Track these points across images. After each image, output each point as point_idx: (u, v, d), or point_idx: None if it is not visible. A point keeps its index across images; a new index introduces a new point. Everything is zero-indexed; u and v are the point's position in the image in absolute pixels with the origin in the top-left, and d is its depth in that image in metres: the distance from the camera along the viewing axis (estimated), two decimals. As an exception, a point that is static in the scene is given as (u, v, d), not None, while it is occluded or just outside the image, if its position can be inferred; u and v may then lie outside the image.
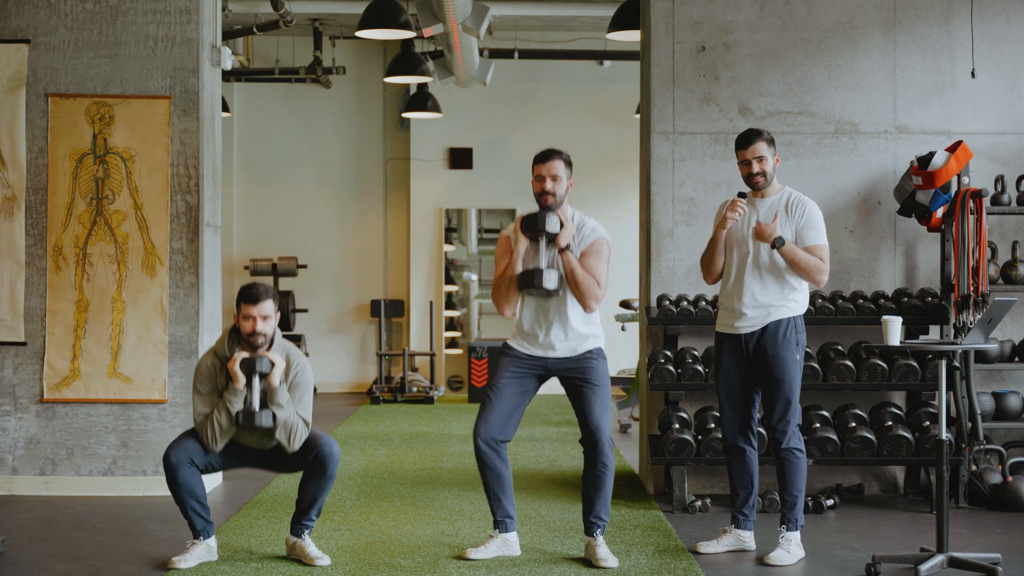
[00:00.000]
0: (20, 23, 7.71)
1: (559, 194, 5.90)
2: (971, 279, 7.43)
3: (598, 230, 6.00)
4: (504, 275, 5.94)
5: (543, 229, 5.83)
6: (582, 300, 5.86)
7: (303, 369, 5.91)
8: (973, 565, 5.60)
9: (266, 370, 5.74)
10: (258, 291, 5.77)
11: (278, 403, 5.76)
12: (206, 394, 5.84)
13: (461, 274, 15.63)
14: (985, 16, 8.03)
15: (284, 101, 15.34)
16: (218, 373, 5.84)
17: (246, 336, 5.77)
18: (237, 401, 5.75)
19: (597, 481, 5.87)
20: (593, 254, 5.93)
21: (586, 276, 5.84)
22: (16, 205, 7.69)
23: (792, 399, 6.05)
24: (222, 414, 5.75)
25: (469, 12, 10.59)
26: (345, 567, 5.79)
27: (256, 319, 5.75)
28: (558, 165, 5.90)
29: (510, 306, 5.96)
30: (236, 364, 5.73)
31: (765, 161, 6.03)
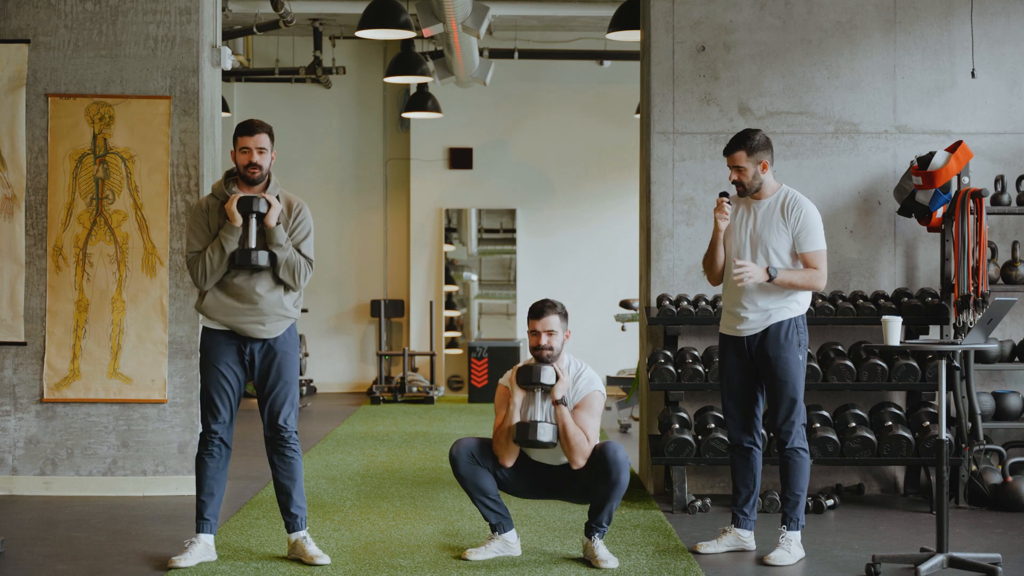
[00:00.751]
0: (20, 23, 7.71)
1: (556, 348, 5.93)
2: (971, 279, 7.43)
3: (594, 383, 6.01)
4: (503, 427, 5.97)
5: (538, 381, 5.88)
6: (570, 455, 5.88)
7: (304, 208, 5.96)
8: (973, 565, 5.60)
9: (263, 210, 5.74)
10: (254, 123, 5.83)
11: (276, 243, 5.77)
12: (200, 232, 5.82)
13: (461, 274, 15.63)
14: (985, 16, 8.03)
15: (284, 101, 15.34)
16: (213, 212, 5.83)
17: (242, 168, 5.78)
18: (233, 240, 5.74)
19: (608, 495, 5.85)
20: (586, 408, 5.95)
21: (576, 431, 5.85)
22: (16, 205, 7.69)
23: (796, 399, 6.06)
24: (216, 251, 5.74)
25: (469, 12, 10.59)
26: (345, 567, 5.79)
27: (253, 151, 5.77)
28: (553, 320, 5.93)
29: (511, 457, 5.98)
30: (233, 203, 5.72)
31: (744, 172, 6.03)
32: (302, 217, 5.95)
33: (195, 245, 5.82)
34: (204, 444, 5.90)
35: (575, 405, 5.95)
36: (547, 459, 6.00)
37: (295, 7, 12.36)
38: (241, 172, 5.80)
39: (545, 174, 15.15)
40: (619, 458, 5.76)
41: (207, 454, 5.89)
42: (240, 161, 5.79)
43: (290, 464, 5.91)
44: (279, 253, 5.76)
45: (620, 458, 5.76)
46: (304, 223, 5.95)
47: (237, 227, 5.74)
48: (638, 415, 9.71)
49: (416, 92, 14.12)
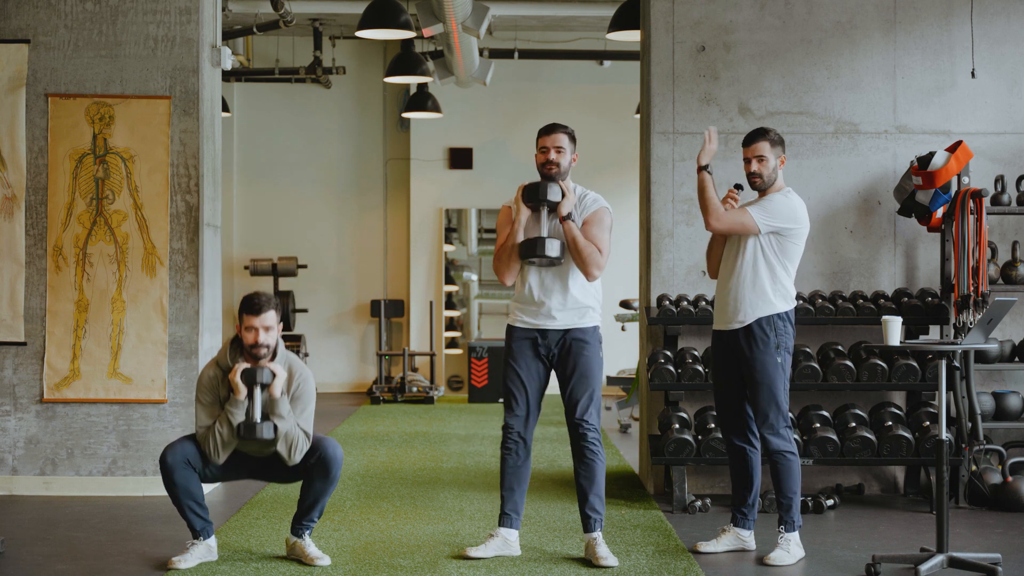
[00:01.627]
0: (20, 23, 7.71)
1: (563, 165, 5.94)
2: (971, 279, 7.43)
3: (600, 200, 6.05)
4: (505, 244, 5.95)
5: (544, 198, 5.86)
6: (584, 268, 5.87)
7: (305, 380, 5.89)
8: (973, 565, 5.60)
9: (267, 381, 5.73)
10: (260, 301, 5.76)
11: (279, 414, 5.74)
12: (208, 405, 5.83)
13: (461, 274, 15.63)
14: (985, 16, 8.03)
15: (284, 101, 15.34)
16: (220, 384, 5.83)
17: (248, 347, 5.76)
18: (239, 412, 5.73)
19: (587, 471, 5.87)
20: (595, 223, 5.95)
21: (587, 244, 5.86)
22: (16, 205, 7.69)
23: (774, 402, 5.99)
24: (224, 426, 5.74)
25: (469, 12, 10.59)
26: (345, 567, 5.79)
27: (259, 330, 5.74)
28: (562, 137, 5.96)
29: (511, 275, 5.98)
30: (237, 375, 5.72)
31: (765, 162, 6.01)
32: (302, 391, 5.89)
33: (203, 419, 5.82)
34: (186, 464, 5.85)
35: (584, 221, 5.95)
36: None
37: (295, 7, 12.36)
38: (247, 350, 5.78)
39: (545, 174, 15.12)
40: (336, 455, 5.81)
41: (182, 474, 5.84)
42: (246, 340, 5.77)
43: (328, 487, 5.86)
44: (280, 425, 5.74)
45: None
46: (303, 396, 5.89)
47: (242, 400, 5.73)
48: (638, 415, 9.71)
49: (416, 92, 14.12)
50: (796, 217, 5.99)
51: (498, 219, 6.11)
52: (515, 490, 5.99)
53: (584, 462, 5.90)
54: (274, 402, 5.75)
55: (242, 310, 5.78)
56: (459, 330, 15.64)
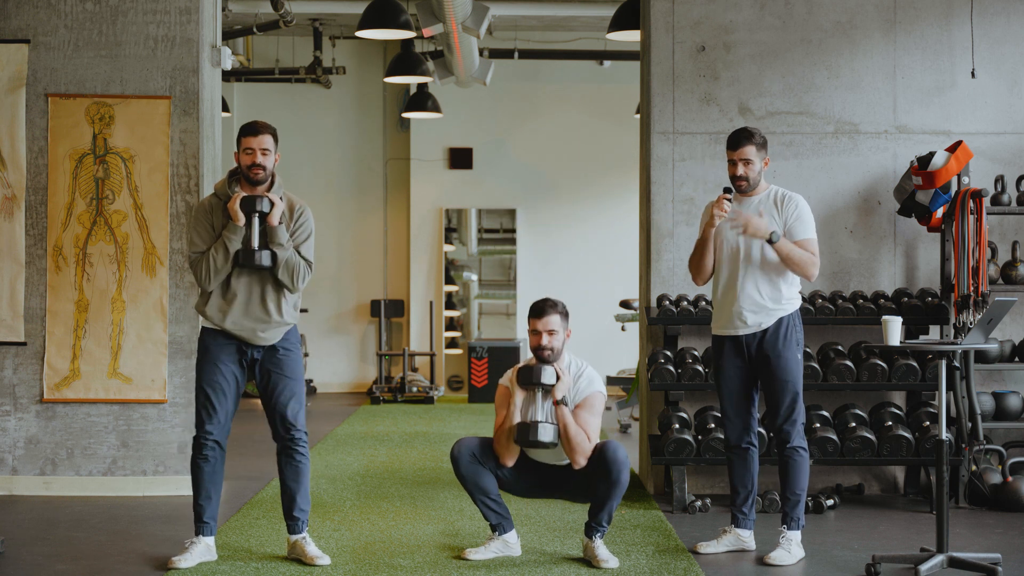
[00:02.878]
0: (20, 23, 7.71)
1: (556, 348, 5.92)
2: (971, 279, 7.43)
3: (594, 383, 6.00)
4: (503, 427, 5.96)
5: (539, 382, 5.87)
6: (571, 455, 5.87)
7: (305, 209, 5.94)
8: (973, 565, 5.60)
9: (266, 209, 5.74)
10: (258, 124, 5.82)
11: (278, 242, 5.76)
12: (203, 232, 5.81)
13: (461, 274, 15.63)
14: (985, 16, 8.03)
15: (284, 101, 15.34)
16: (216, 212, 5.82)
17: (246, 169, 5.77)
18: (236, 239, 5.73)
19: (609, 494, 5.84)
20: (587, 408, 5.94)
21: (578, 431, 5.85)
22: (16, 205, 7.69)
23: (797, 398, 6.06)
24: (219, 252, 5.73)
25: (469, 12, 10.59)
26: (345, 567, 5.79)
27: (256, 151, 5.76)
28: (554, 320, 5.91)
29: (512, 457, 5.98)
30: (236, 203, 5.71)
31: (751, 165, 6.02)
32: (304, 219, 5.94)
33: (198, 245, 5.81)
34: (198, 447, 5.85)
35: (576, 405, 5.94)
36: (548, 459, 5.99)
37: (295, 7, 12.36)
38: (244, 173, 5.79)
39: (545, 174, 15.15)
40: (619, 457, 5.76)
41: (202, 458, 5.85)
42: (243, 162, 5.79)
43: (298, 468, 5.87)
44: (280, 253, 5.76)
45: (620, 457, 5.76)
46: (305, 225, 5.94)
47: (240, 226, 5.73)
48: (638, 415, 9.70)
49: (416, 92, 14.12)
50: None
51: (496, 398, 6.12)
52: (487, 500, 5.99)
53: (611, 481, 5.85)
54: (273, 230, 5.75)
55: (240, 133, 5.82)
56: (459, 330, 15.64)
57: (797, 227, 5.99)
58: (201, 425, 5.84)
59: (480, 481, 5.92)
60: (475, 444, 5.96)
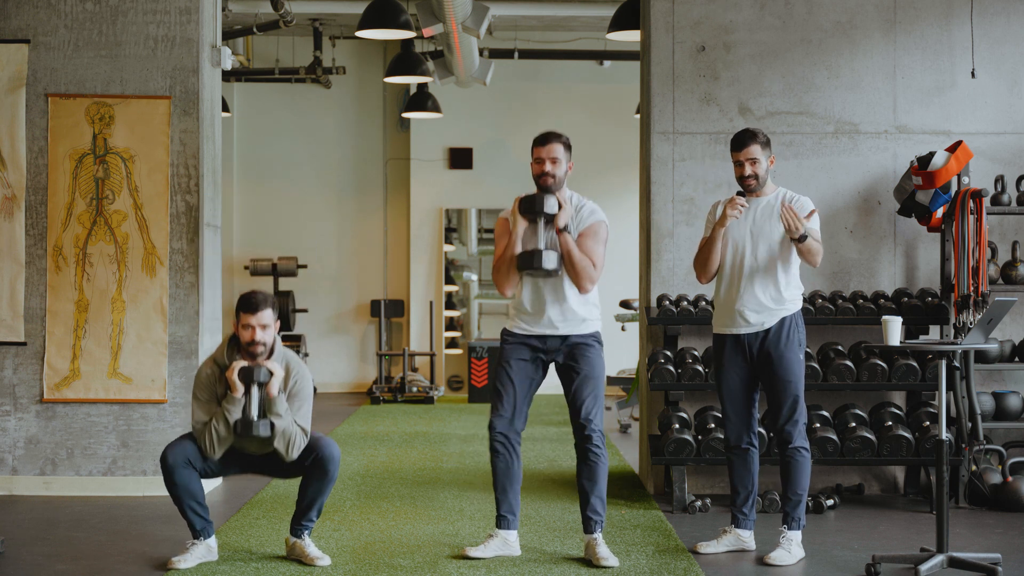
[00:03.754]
0: (20, 23, 7.71)
1: (558, 176, 5.94)
2: (971, 279, 7.43)
3: (596, 212, 6.04)
4: (504, 256, 5.96)
5: (541, 210, 5.87)
6: (577, 281, 5.88)
7: (302, 377, 5.89)
8: (973, 565, 5.60)
9: (264, 380, 5.73)
10: (257, 300, 5.76)
11: (276, 412, 5.74)
12: (205, 402, 5.82)
13: (461, 274, 15.63)
14: (985, 16, 8.03)
15: (284, 101, 15.34)
16: (217, 381, 5.83)
17: (245, 345, 5.76)
18: (235, 410, 5.73)
19: (590, 473, 5.88)
20: (591, 235, 5.96)
21: (582, 257, 5.88)
22: (16, 205, 7.69)
23: (799, 398, 6.07)
24: (220, 423, 5.74)
25: (469, 12, 10.59)
26: (345, 567, 5.79)
27: (255, 328, 5.74)
28: (557, 148, 5.94)
29: (510, 286, 5.98)
30: (234, 373, 5.72)
31: (758, 163, 6.02)
32: (299, 387, 5.88)
33: (200, 416, 5.81)
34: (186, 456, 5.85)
35: (580, 233, 5.96)
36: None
37: (295, 7, 12.36)
38: (244, 348, 5.78)
39: (545, 174, 15.12)
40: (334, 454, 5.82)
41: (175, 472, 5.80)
42: (243, 338, 5.77)
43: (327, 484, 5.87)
44: (277, 423, 5.74)
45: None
46: (300, 392, 5.88)
47: (239, 397, 5.73)
48: (638, 415, 9.70)
49: (416, 92, 14.12)
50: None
51: (495, 230, 6.12)
52: (508, 491, 5.98)
53: (587, 463, 5.90)
54: (271, 400, 5.75)
55: (239, 308, 5.78)
56: (459, 330, 15.64)
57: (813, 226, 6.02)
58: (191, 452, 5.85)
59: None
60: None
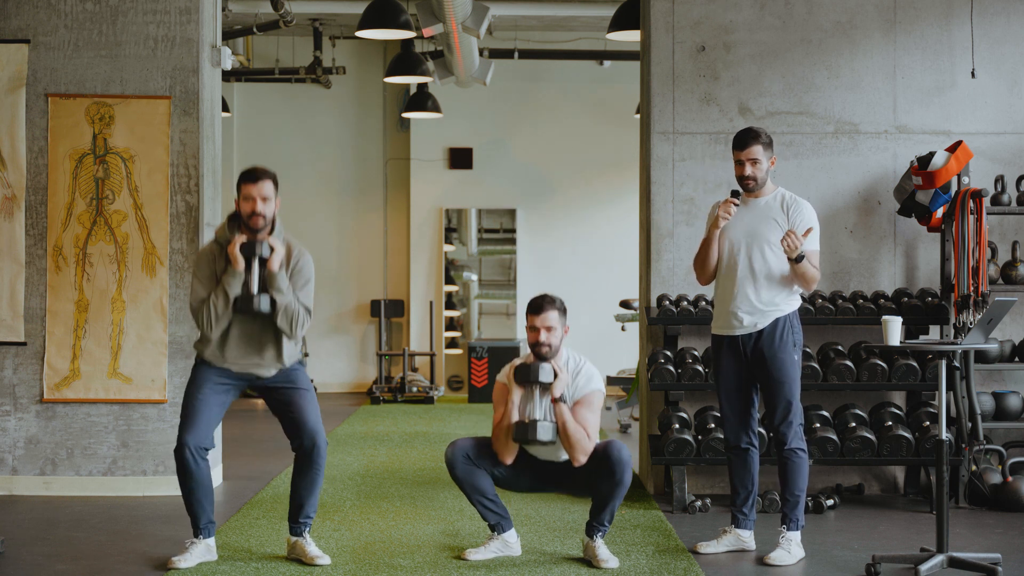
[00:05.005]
0: (20, 23, 7.71)
1: (554, 344, 5.89)
2: (971, 279, 7.43)
3: (593, 380, 5.96)
4: (501, 424, 5.94)
5: (536, 380, 5.84)
6: (571, 453, 5.84)
7: (304, 256, 5.88)
8: (973, 565, 5.60)
9: (266, 254, 5.69)
10: (258, 171, 5.76)
11: (278, 288, 5.71)
12: (205, 279, 5.77)
13: (461, 274, 15.63)
14: (985, 16, 8.03)
15: (284, 101, 15.34)
16: (217, 258, 5.79)
17: (246, 217, 5.72)
18: (236, 284, 5.69)
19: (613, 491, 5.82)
20: (586, 405, 5.91)
21: (576, 428, 5.82)
22: (16, 205, 7.69)
23: (793, 400, 6.05)
24: (219, 298, 5.70)
25: (469, 12, 10.59)
26: (345, 567, 5.79)
27: (256, 199, 5.71)
28: (551, 316, 5.88)
29: (511, 455, 5.95)
30: (235, 247, 5.68)
31: (759, 164, 6.02)
32: (301, 265, 5.87)
33: (199, 292, 5.77)
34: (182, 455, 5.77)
35: (575, 402, 5.91)
36: (546, 455, 5.98)
37: (295, 7, 12.36)
38: (244, 220, 5.75)
39: (545, 174, 15.15)
40: (623, 457, 5.74)
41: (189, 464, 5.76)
42: (243, 209, 5.73)
43: (314, 477, 5.86)
44: (279, 299, 5.71)
45: (624, 457, 5.75)
46: (303, 271, 5.87)
47: (240, 271, 5.69)
48: (638, 415, 9.70)
49: (416, 92, 14.12)
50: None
51: (493, 394, 6.09)
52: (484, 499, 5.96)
53: (614, 481, 5.84)
54: (272, 276, 5.71)
55: (240, 180, 5.76)
56: (459, 330, 15.64)
57: (810, 240, 5.98)
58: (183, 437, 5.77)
59: (476, 482, 5.90)
60: (469, 445, 5.94)
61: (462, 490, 5.97)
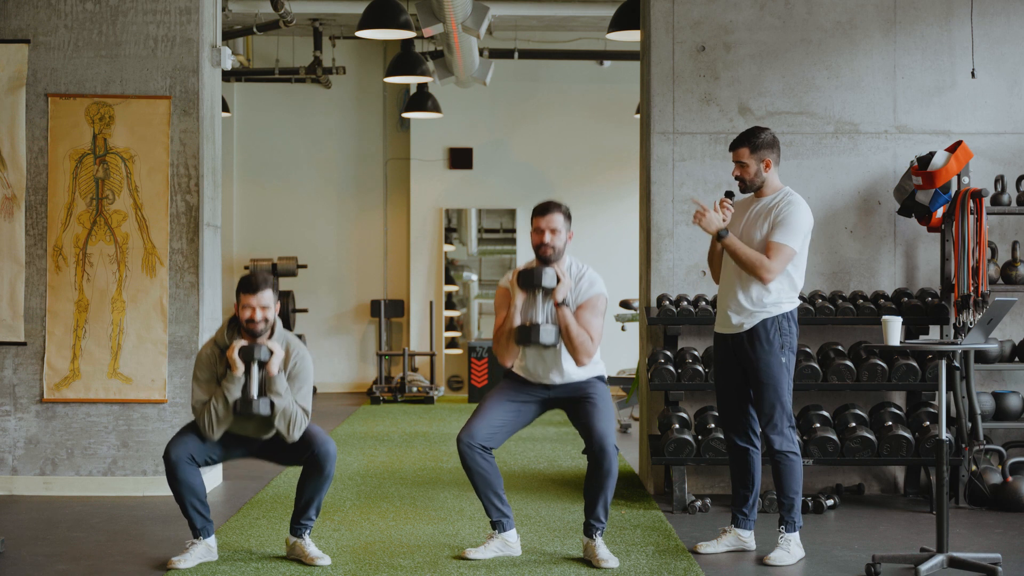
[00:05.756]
0: (20, 23, 7.71)
1: (558, 247, 5.91)
2: (971, 279, 7.43)
3: (596, 284, 5.98)
4: (503, 328, 5.95)
5: (540, 285, 5.85)
6: (574, 355, 5.86)
7: (303, 359, 5.89)
8: (973, 565, 5.60)
9: (264, 358, 5.72)
10: (257, 281, 5.76)
11: (276, 391, 5.74)
12: (205, 382, 5.82)
13: (461, 274, 15.63)
14: (985, 16, 8.03)
15: (284, 101, 15.34)
16: (217, 361, 5.83)
17: (245, 324, 5.76)
18: (235, 389, 5.73)
19: (601, 483, 5.85)
20: (589, 308, 5.92)
21: (580, 331, 5.84)
22: (16, 205, 7.69)
23: (779, 402, 5.99)
24: (219, 402, 5.74)
25: (469, 12, 10.59)
26: (345, 567, 5.79)
27: (255, 308, 5.74)
28: (557, 218, 5.91)
29: (511, 357, 5.98)
30: (235, 352, 5.72)
31: (747, 168, 6.02)
32: (300, 368, 5.87)
33: (199, 396, 5.82)
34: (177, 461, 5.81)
35: (578, 306, 5.93)
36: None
37: (295, 7, 12.36)
38: (244, 327, 5.78)
39: (545, 174, 15.15)
40: (607, 448, 5.74)
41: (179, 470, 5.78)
42: (242, 318, 5.77)
43: (323, 482, 5.86)
44: (278, 402, 5.74)
45: (608, 448, 5.75)
46: (301, 373, 5.88)
47: (239, 376, 5.72)
48: (638, 415, 9.70)
49: (416, 92, 14.12)
50: (809, 223, 6.01)
51: (495, 299, 6.11)
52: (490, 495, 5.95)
53: (602, 474, 5.83)
54: (271, 379, 5.74)
55: (239, 289, 5.78)
56: (459, 330, 15.64)
57: (776, 229, 5.92)
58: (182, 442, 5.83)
59: (492, 478, 5.86)
60: (484, 435, 5.89)
61: (474, 483, 5.94)
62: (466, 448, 5.87)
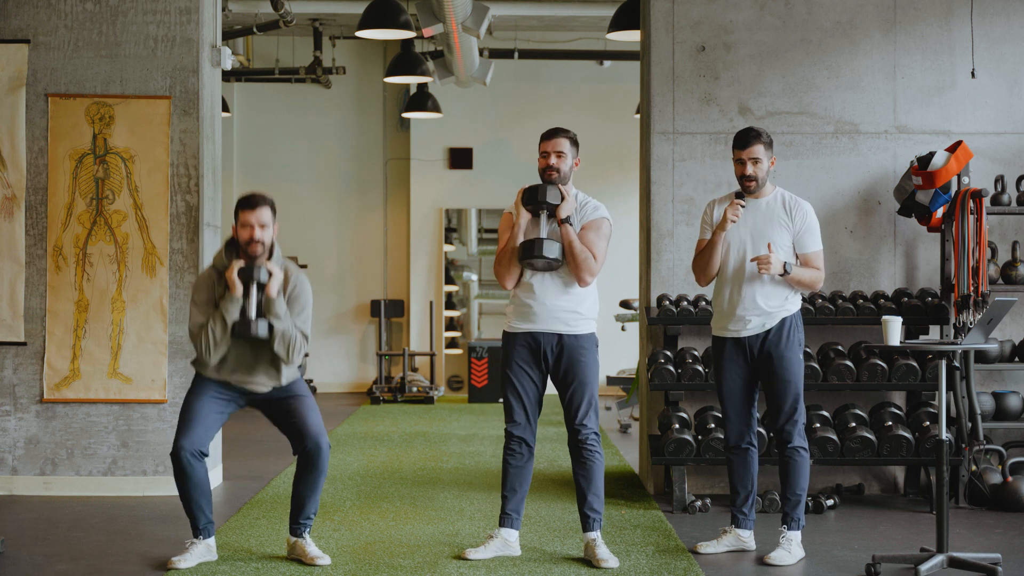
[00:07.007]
0: (20, 23, 7.71)
1: (563, 170, 5.93)
2: (971, 279, 7.43)
3: (600, 209, 6.03)
4: (506, 248, 5.96)
5: (544, 200, 5.85)
6: (577, 273, 5.87)
7: (302, 282, 5.87)
8: (973, 565, 5.60)
9: (264, 280, 5.68)
10: (256, 198, 5.76)
11: (276, 313, 5.71)
12: (202, 304, 5.77)
13: (461, 274, 15.63)
14: (985, 16, 8.03)
15: (284, 101, 15.34)
16: (215, 284, 5.78)
17: (244, 244, 5.73)
18: (234, 310, 5.69)
19: (586, 471, 5.89)
20: (593, 229, 5.95)
21: (583, 249, 5.86)
22: (16, 205, 7.69)
23: (799, 398, 6.07)
24: (217, 324, 5.70)
25: (469, 12, 10.59)
26: (345, 567, 5.79)
27: (254, 226, 5.71)
28: (563, 142, 5.94)
29: (512, 278, 5.97)
30: (233, 272, 5.68)
31: (760, 164, 6.02)
32: (299, 291, 5.85)
33: (198, 317, 5.77)
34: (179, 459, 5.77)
35: (582, 227, 5.94)
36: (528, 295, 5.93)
37: (295, 7, 12.36)
38: (242, 247, 5.75)
39: (545, 174, 15.12)
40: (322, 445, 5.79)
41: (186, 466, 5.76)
42: (241, 237, 5.73)
43: (317, 479, 5.86)
44: (276, 324, 5.71)
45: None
46: (300, 297, 5.85)
47: (238, 297, 5.69)
48: (638, 415, 9.71)
49: (416, 92, 14.12)
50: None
51: (500, 225, 6.13)
52: (517, 491, 6.01)
53: (582, 462, 5.93)
54: (270, 301, 5.71)
55: (238, 207, 5.76)
56: (459, 330, 15.64)
57: (807, 238, 6.02)
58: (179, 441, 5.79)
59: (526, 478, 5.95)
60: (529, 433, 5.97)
61: (505, 478, 5.97)
62: (517, 441, 5.97)
